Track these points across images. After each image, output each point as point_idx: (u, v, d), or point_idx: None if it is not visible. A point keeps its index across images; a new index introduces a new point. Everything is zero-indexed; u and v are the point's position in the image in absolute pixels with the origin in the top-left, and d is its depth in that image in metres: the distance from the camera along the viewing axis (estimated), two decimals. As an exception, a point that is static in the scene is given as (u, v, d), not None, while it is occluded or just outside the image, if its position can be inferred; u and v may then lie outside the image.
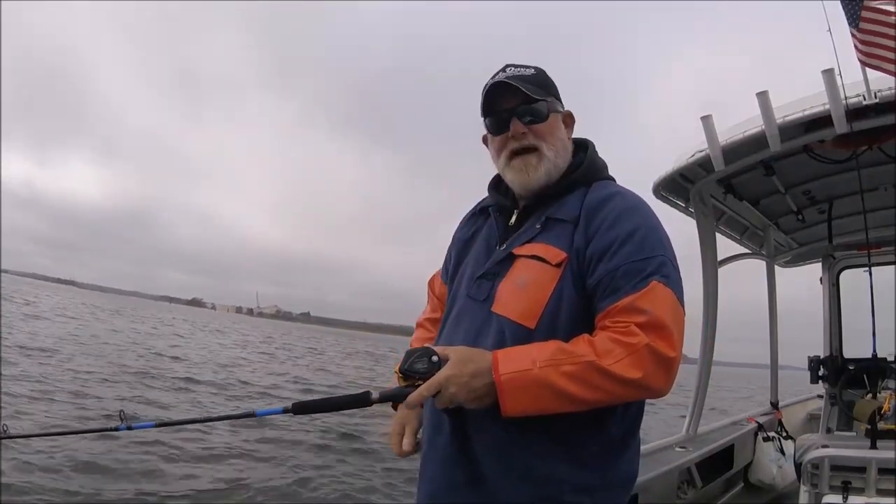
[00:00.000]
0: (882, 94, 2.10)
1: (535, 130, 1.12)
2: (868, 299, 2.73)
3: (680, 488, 2.78)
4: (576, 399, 0.94)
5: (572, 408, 0.96)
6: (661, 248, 1.04)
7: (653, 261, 1.01)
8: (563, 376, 0.94)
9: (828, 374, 3.72)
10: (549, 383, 0.94)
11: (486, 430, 1.05)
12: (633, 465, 1.11)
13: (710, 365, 3.38)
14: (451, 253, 1.30)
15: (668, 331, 0.96)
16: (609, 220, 1.05)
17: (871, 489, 2.07)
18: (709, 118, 2.46)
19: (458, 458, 1.08)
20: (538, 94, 1.12)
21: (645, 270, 1.00)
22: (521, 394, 0.94)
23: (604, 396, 0.96)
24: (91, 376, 9.54)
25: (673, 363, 0.97)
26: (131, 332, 21.34)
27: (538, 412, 0.96)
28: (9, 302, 23.45)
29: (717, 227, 3.34)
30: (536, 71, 1.16)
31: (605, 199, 1.09)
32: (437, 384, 0.95)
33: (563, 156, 1.15)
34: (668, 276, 1.01)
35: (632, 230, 1.03)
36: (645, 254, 1.01)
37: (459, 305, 1.17)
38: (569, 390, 0.94)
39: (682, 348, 1.00)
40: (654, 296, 0.98)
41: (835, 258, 3.88)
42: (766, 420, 3.86)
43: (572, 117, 1.20)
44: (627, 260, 1.01)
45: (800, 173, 3.08)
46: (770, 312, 4.04)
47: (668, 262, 1.03)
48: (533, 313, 1.04)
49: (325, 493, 5.26)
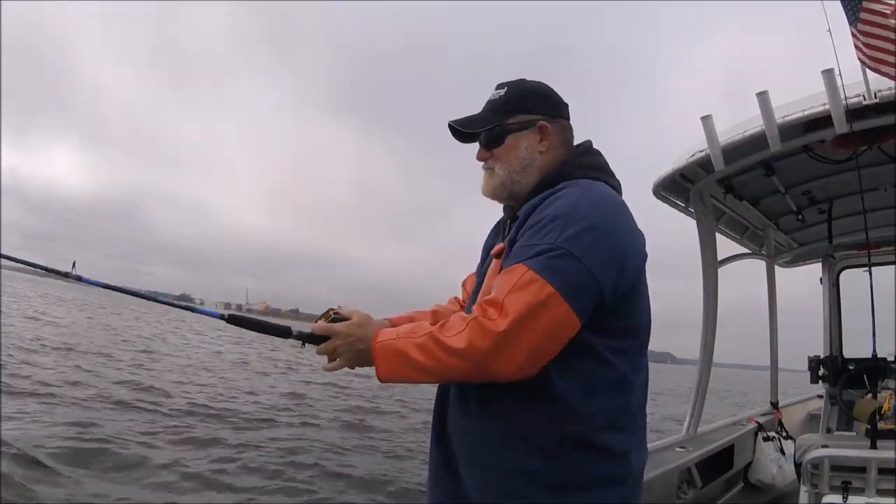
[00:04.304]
0: (882, 94, 2.10)
1: (494, 153, 1.25)
2: (868, 299, 2.73)
3: (680, 488, 2.79)
4: (423, 368, 1.03)
5: (427, 378, 1.06)
6: (559, 238, 1.02)
7: (536, 247, 1.04)
8: (415, 347, 1.04)
9: (828, 374, 3.73)
10: (403, 352, 1.05)
11: (454, 418, 1.16)
12: (607, 467, 1.08)
13: (710, 365, 3.38)
14: (480, 260, 1.41)
15: (500, 307, 1.00)
16: (537, 212, 1.11)
17: (871, 489, 2.07)
18: (709, 118, 2.47)
19: (437, 443, 1.21)
20: (489, 123, 1.24)
21: (523, 255, 1.04)
22: (386, 360, 1.06)
23: (444, 368, 1.03)
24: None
25: (500, 338, 0.99)
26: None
27: (403, 379, 1.07)
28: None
29: (717, 227, 3.35)
30: (508, 90, 1.25)
31: (559, 193, 1.14)
32: (328, 330, 1.13)
33: (526, 170, 1.24)
34: (544, 262, 1.01)
35: (540, 218, 1.08)
36: (535, 241, 1.05)
37: (468, 306, 1.27)
38: (417, 359, 1.03)
39: (529, 330, 0.98)
40: (508, 277, 1.03)
41: (835, 258, 3.89)
42: (766, 420, 3.86)
43: (547, 127, 1.24)
44: (519, 245, 1.08)
45: (800, 173, 3.08)
46: (770, 312, 4.04)
47: (554, 249, 1.01)
48: None
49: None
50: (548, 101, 1.27)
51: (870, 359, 3.11)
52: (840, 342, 3.86)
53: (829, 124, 2.15)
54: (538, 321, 0.99)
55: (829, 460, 2.16)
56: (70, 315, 25.49)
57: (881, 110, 2.12)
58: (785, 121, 2.29)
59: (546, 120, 1.24)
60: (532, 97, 1.27)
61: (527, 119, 1.25)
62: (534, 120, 1.25)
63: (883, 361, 3.19)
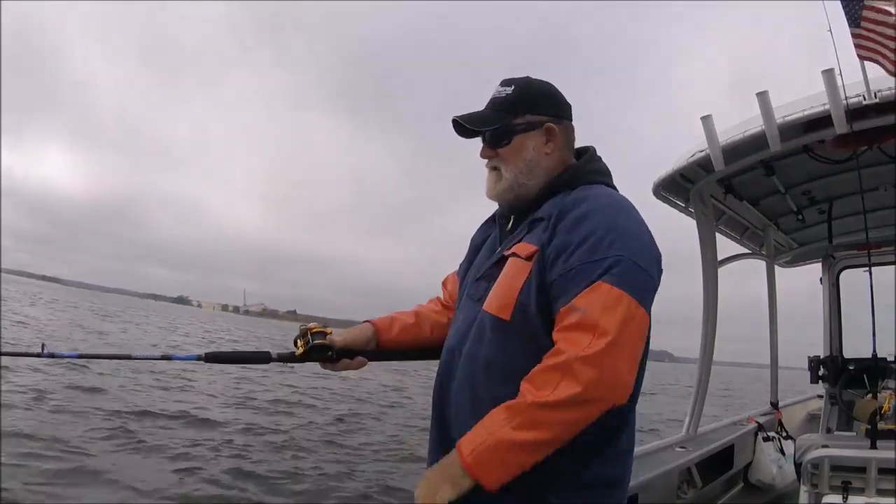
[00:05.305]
0: (882, 94, 2.10)
1: (500, 153, 1.22)
2: (868, 299, 2.73)
3: (680, 488, 2.79)
4: (540, 443, 0.96)
5: (545, 451, 0.97)
6: (620, 248, 1.04)
7: (604, 262, 1.02)
8: (516, 429, 0.95)
9: (828, 374, 3.73)
10: (506, 443, 0.96)
11: (460, 418, 1.12)
12: (617, 469, 1.10)
13: (711, 365, 3.38)
14: (467, 256, 1.39)
15: (595, 328, 0.96)
16: (571, 221, 1.09)
17: (871, 489, 2.07)
18: (709, 118, 2.46)
19: (438, 444, 1.16)
20: (495, 121, 1.21)
21: (595, 272, 1.01)
22: (489, 465, 0.96)
23: (564, 428, 0.96)
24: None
25: (604, 360, 0.95)
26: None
27: (517, 472, 0.97)
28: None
29: (717, 227, 3.34)
30: (515, 88, 1.22)
31: (577, 199, 1.13)
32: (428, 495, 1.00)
33: (532, 171, 1.22)
34: (619, 275, 1.01)
35: (590, 231, 1.06)
36: (598, 255, 1.03)
37: (460, 305, 1.27)
38: (528, 439, 0.95)
39: (628, 343, 0.99)
40: (594, 295, 0.99)
41: (835, 258, 3.88)
42: (766, 420, 3.86)
43: (554, 129, 1.23)
44: (580, 262, 1.04)
45: (800, 173, 3.08)
46: (770, 312, 4.04)
47: (623, 261, 1.03)
48: (507, 305, 1.11)
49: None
50: (554, 101, 1.25)
51: (870, 359, 3.11)
52: (840, 342, 3.86)
53: (829, 124, 2.14)
54: (631, 333, 1.00)
55: (829, 460, 2.15)
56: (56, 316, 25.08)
57: (881, 110, 2.12)
58: (785, 121, 2.29)
59: (553, 121, 1.23)
60: (539, 97, 1.24)
61: (535, 119, 1.23)
62: (541, 121, 1.23)
63: (883, 361, 3.19)
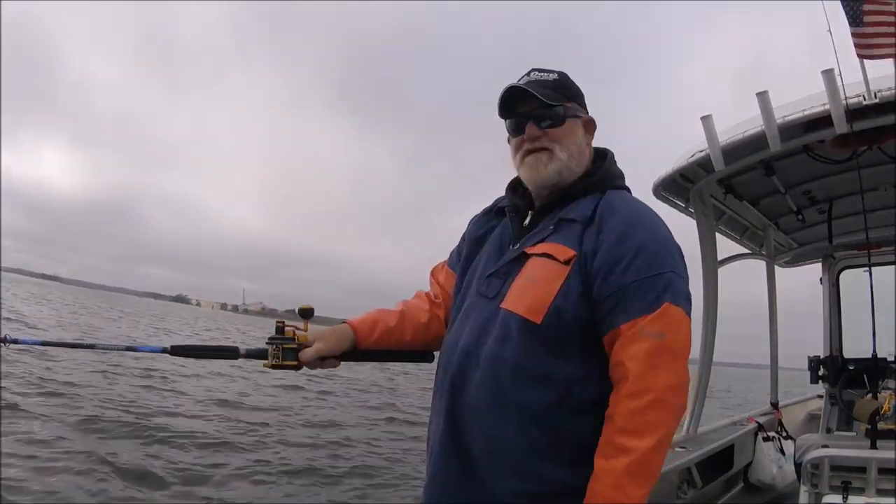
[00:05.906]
0: (882, 94, 2.10)
1: (550, 134, 1.16)
2: (868, 299, 2.73)
3: (680, 488, 2.78)
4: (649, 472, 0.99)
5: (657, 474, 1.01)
6: (670, 262, 1.06)
7: (662, 278, 1.03)
8: (633, 478, 0.97)
9: (828, 374, 3.73)
10: (622, 488, 0.97)
11: (479, 421, 1.08)
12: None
13: (711, 365, 3.38)
14: (461, 247, 1.32)
15: (675, 352, 1.02)
16: (620, 231, 1.07)
17: (871, 489, 2.07)
18: (709, 118, 2.46)
19: (451, 448, 1.10)
20: (554, 100, 1.15)
21: (655, 289, 1.02)
22: None
23: (663, 449, 1.00)
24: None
25: (683, 383, 1.03)
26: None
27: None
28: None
29: (717, 227, 3.34)
30: (559, 76, 1.20)
31: (617, 207, 1.11)
32: None
33: (579, 160, 1.18)
34: (677, 293, 1.04)
35: (642, 243, 1.05)
36: (655, 269, 1.03)
37: (468, 303, 1.19)
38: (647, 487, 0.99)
39: (685, 354, 1.05)
40: (667, 319, 1.02)
41: (835, 258, 3.88)
42: (766, 420, 3.86)
43: (593, 124, 1.22)
44: (637, 277, 1.03)
45: (800, 173, 3.08)
46: (770, 312, 4.04)
47: (676, 277, 1.05)
48: (540, 308, 1.06)
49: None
50: (583, 98, 1.23)
51: (870, 359, 3.11)
52: (840, 342, 3.86)
53: (829, 124, 2.14)
54: (686, 344, 1.05)
55: (829, 460, 2.15)
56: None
57: (881, 110, 2.12)
58: (785, 121, 2.29)
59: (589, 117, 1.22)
60: (578, 90, 1.22)
61: (579, 109, 1.20)
62: (583, 112, 1.21)
63: (883, 361, 3.19)
